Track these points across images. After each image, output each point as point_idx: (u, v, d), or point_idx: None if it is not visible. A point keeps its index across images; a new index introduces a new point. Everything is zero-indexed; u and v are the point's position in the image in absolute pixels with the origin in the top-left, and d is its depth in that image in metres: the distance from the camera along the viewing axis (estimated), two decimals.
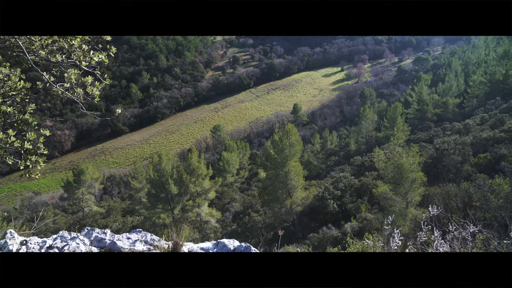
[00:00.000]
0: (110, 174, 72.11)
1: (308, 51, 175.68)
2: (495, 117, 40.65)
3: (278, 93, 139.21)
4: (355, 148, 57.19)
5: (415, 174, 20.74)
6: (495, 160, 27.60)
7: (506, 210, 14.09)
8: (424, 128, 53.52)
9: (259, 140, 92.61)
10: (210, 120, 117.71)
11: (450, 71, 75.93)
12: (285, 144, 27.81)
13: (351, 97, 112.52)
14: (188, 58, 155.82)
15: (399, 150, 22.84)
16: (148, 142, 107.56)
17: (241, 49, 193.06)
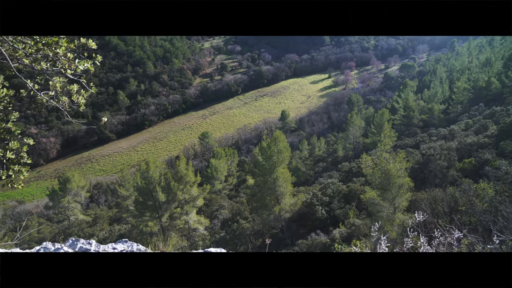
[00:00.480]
0: (97, 182, 71.14)
1: (295, 58, 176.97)
2: (479, 123, 41.34)
3: (266, 100, 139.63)
4: (343, 154, 57.49)
5: (402, 180, 20.92)
6: (480, 165, 28.02)
7: (490, 214, 14.26)
8: (411, 134, 54.12)
9: (247, 147, 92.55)
10: (198, 127, 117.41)
11: (435, 78, 77.08)
12: (273, 151, 27.82)
13: (338, 103, 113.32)
14: (176, 65, 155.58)
15: (386, 156, 23.06)
16: (136, 149, 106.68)
17: (229, 56, 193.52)
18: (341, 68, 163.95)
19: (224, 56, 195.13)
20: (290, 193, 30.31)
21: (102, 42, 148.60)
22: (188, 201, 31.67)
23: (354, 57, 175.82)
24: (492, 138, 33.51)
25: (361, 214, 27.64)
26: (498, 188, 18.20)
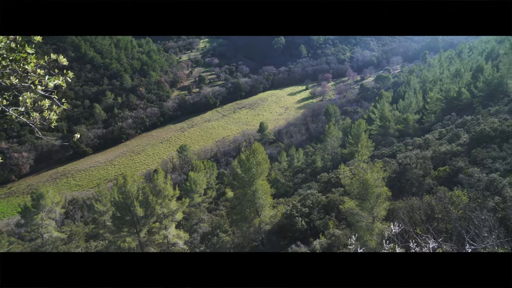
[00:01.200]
0: (73, 198, 69.37)
1: (273, 70, 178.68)
2: (451, 132, 42.42)
3: (244, 112, 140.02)
4: (322, 165, 57.90)
5: (380, 189, 21.15)
6: (454, 172, 28.68)
7: (465, 221, 14.57)
8: (387, 143, 54.97)
9: (226, 159, 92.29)
10: (177, 140, 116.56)
11: (409, 89, 79.01)
12: (252, 163, 27.77)
13: (316, 114, 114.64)
14: (154, 77, 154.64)
15: (363, 166, 23.35)
16: (113, 163, 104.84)
17: (206, 69, 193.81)
18: (318, 79, 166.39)
19: (202, 68, 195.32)
20: (269, 205, 30.24)
21: (78, 55, 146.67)
22: (167, 215, 31.21)
23: (331, 69, 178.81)
24: (465, 146, 34.43)
25: (341, 225, 27.78)
26: (472, 195, 18.66)
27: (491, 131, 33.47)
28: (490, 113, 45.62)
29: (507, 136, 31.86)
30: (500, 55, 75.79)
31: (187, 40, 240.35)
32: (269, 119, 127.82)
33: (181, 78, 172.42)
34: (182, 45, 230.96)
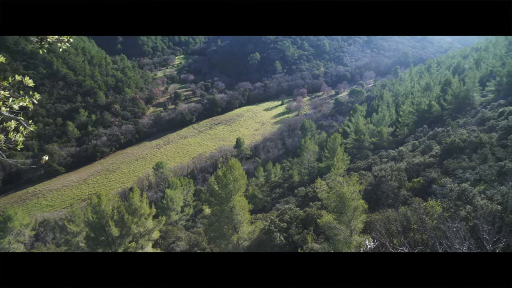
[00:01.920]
0: (44, 219, 67.07)
1: (249, 86, 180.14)
2: (424, 144, 43.46)
3: (220, 128, 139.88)
4: (299, 179, 58.14)
5: (356, 202, 21.36)
6: (427, 183, 29.28)
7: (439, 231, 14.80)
8: (363, 156, 55.76)
9: (203, 175, 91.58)
10: (152, 157, 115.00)
11: (383, 102, 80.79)
12: (229, 179, 27.65)
13: (292, 129, 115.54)
14: (128, 94, 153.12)
15: (340, 180, 23.54)
16: (87, 182, 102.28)
17: (182, 85, 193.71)
18: (294, 94, 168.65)
19: (177, 85, 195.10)
20: (247, 221, 30.08)
21: (50, 72, 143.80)
22: (143, 234, 30.54)
23: (306, 84, 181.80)
24: (437, 157, 35.30)
25: (319, 238, 27.82)
26: (445, 205, 19.05)
27: (461, 142, 34.49)
28: (459, 124, 47.08)
29: (476, 146, 32.86)
30: (465, 70, 78.72)
31: (162, 56, 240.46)
32: (245, 134, 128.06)
33: (156, 95, 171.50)
34: (157, 62, 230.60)
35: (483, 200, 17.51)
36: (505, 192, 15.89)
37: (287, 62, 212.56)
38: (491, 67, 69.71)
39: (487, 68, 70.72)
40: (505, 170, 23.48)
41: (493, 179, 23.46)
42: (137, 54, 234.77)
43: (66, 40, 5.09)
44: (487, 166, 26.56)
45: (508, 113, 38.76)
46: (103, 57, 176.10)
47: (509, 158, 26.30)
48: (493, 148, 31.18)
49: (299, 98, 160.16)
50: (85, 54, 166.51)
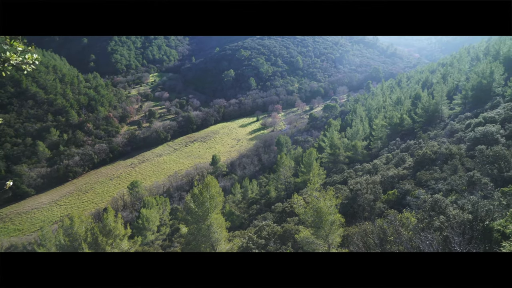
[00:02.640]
0: (11, 244, 64.34)
1: (223, 103, 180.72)
2: (397, 156, 44.38)
3: (196, 145, 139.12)
4: (276, 195, 58.16)
5: (333, 216, 21.49)
6: (402, 195, 29.82)
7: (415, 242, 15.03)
8: (338, 170, 56.37)
9: (179, 194, 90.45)
10: (127, 176, 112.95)
11: (356, 117, 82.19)
12: (205, 197, 27.38)
13: (268, 145, 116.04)
14: (102, 113, 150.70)
15: (316, 194, 23.65)
16: (58, 203, 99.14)
17: (157, 103, 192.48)
18: (268, 111, 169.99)
19: (152, 103, 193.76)
20: (225, 238, 29.73)
21: (19, 90, 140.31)
22: None
23: (280, 100, 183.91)
24: (410, 169, 36.10)
25: None
26: (419, 216, 19.43)
27: (432, 154, 35.43)
28: (430, 137, 48.37)
29: (446, 158, 33.82)
30: (433, 84, 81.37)
31: (136, 74, 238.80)
32: (221, 151, 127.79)
33: (130, 113, 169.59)
34: (131, 80, 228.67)
35: (455, 210, 17.96)
36: (475, 201, 16.35)
37: (262, 79, 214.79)
38: (456, 81, 72.42)
39: (453, 83, 73.37)
40: (474, 180, 24.20)
41: (463, 189, 24.14)
42: (110, 72, 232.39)
43: (31, 63, 5.03)
44: (457, 176, 27.34)
45: (474, 125, 40.17)
46: (75, 75, 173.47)
47: (477, 168, 27.15)
48: (462, 159, 32.18)
49: (274, 114, 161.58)
50: (56, 72, 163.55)
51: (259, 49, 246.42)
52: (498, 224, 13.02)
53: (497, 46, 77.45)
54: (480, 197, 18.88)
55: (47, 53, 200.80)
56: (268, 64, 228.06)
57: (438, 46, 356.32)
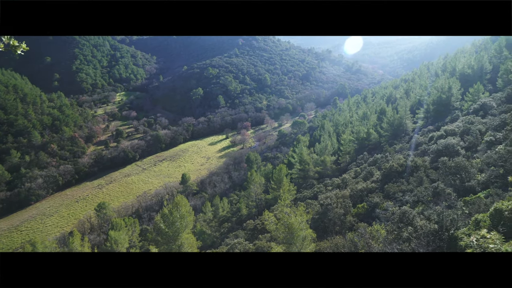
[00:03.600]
0: None
1: (192, 121, 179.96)
2: (365, 170, 45.30)
3: (165, 165, 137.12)
4: (247, 212, 57.87)
5: (304, 232, 21.58)
6: (371, 208, 30.36)
7: None
8: (308, 185, 56.80)
9: (149, 214, 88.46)
10: (94, 198, 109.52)
11: (324, 132, 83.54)
12: (175, 217, 27.00)
13: (238, 162, 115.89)
14: (67, 133, 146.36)
15: (287, 211, 23.70)
16: (19, 229, 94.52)
17: (124, 122, 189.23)
18: (238, 128, 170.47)
19: (119, 122, 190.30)
20: None
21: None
22: None
23: (249, 117, 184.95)
24: (378, 182, 36.90)
25: None
26: (388, 228, 19.77)
27: (399, 166, 36.39)
28: (396, 150, 49.76)
29: (412, 170, 34.81)
30: (397, 99, 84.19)
31: (102, 93, 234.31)
32: (191, 170, 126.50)
33: (97, 133, 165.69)
34: (97, 99, 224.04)
35: (422, 220, 18.41)
36: (440, 212, 16.82)
37: (230, 97, 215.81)
38: (419, 96, 75.22)
39: (415, 97, 76.17)
40: (438, 191, 24.97)
41: (429, 200, 24.83)
42: (76, 91, 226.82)
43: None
44: (423, 188, 28.13)
45: (436, 138, 41.67)
46: (37, 95, 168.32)
47: (441, 179, 28.07)
48: (427, 170, 33.20)
49: (243, 131, 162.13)
50: (17, 91, 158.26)
51: (227, 67, 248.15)
52: (462, 232, 13.47)
53: (453, 63, 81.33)
54: (444, 207, 19.46)
55: (6, 72, 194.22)
56: (237, 82, 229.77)
57: (400, 62, 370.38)
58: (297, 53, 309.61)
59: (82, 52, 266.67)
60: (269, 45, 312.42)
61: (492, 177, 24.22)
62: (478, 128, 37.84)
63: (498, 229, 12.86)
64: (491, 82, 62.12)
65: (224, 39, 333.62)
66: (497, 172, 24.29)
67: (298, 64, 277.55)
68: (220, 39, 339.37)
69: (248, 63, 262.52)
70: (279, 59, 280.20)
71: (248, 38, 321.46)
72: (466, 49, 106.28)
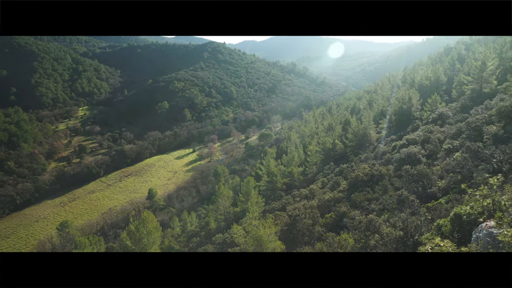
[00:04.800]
0: None
1: (158, 135, 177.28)
2: (332, 180, 45.93)
3: (131, 180, 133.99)
4: (215, 226, 57.29)
5: (273, 244, 21.56)
6: (339, 217, 30.71)
7: None
8: (276, 197, 56.91)
9: (115, 231, 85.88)
10: (56, 217, 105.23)
11: (291, 144, 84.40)
12: (142, 233, 26.36)
13: (205, 176, 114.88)
14: (25, 149, 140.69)
15: (255, 223, 23.61)
16: None
17: (87, 137, 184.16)
18: (205, 141, 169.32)
19: (82, 137, 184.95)
20: None
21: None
22: None
23: (216, 130, 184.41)
24: (345, 192, 37.46)
25: None
26: (356, 236, 20.05)
27: (364, 176, 37.13)
28: (361, 160, 50.80)
29: (377, 179, 35.62)
30: (361, 110, 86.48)
31: (64, 108, 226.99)
32: (158, 184, 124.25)
33: (58, 149, 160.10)
34: (58, 114, 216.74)
35: (388, 228, 18.79)
36: (405, 218, 17.27)
37: (196, 110, 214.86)
38: (381, 107, 77.57)
39: (378, 108, 78.49)
40: (402, 198, 25.66)
41: (394, 207, 25.45)
42: (35, 105, 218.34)
43: None
44: (388, 196, 28.81)
45: (399, 147, 42.91)
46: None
47: (404, 187, 28.88)
48: (391, 179, 34.07)
49: (210, 144, 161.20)
50: None
51: (193, 81, 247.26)
52: (425, 238, 13.88)
53: (412, 75, 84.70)
54: (408, 214, 19.99)
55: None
56: (203, 95, 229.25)
57: (362, 74, 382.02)
58: (263, 66, 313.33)
59: (41, 65, 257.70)
60: (235, 58, 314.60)
61: (451, 183, 25.16)
62: (437, 137, 39.31)
63: (453, 235, 13.35)
64: (447, 93, 64.89)
65: (190, 52, 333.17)
66: (455, 178, 25.26)
67: (264, 76, 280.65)
68: (186, 53, 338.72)
69: (214, 76, 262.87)
70: (245, 72, 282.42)
71: (213, 51, 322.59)
72: (424, 62, 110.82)
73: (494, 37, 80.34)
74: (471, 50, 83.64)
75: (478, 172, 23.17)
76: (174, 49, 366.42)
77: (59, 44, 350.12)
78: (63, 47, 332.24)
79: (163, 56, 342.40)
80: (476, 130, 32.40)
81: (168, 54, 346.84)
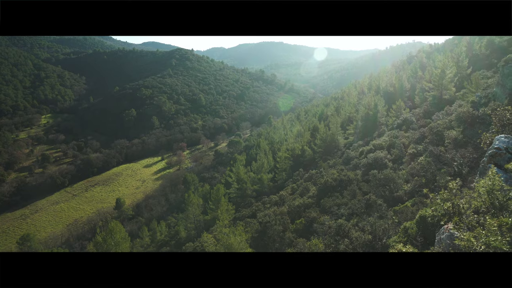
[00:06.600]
0: None
1: (126, 143, 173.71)
2: (302, 186, 46.39)
3: (98, 190, 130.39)
4: (186, 235, 56.50)
5: (244, 251, 21.48)
6: (309, 223, 31.03)
7: None
8: (247, 204, 56.82)
9: (81, 243, 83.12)
10: (16, 230, 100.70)
11: (260, 151, 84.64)
12: (110, 244, 25.67)
13: (174, 184, 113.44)
14: None
15: (226, 231, 23.50)
16: None
17: (51, 146, 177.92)
18: (173, 149, 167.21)
19: (45, 146, 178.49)
20: None
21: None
22: None
23: (185, 138, 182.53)
24: (314, 197, 37.91)
25: None
26: (326, 241, 20.32)
27: (333, 181, 37.74)
28: (330, 165, 51.62)
29: (345, 184, 36.29)
30: (329, 116, 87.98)
31: (25, 116, 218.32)
32: (126, 194, 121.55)
33: (19, 159, 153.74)
34: (19, 122, 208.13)
35: (357, 232, 19.16)
36: (373, 222, 17.66)
37: (165, 117, 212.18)
38: (348, 113, 79.26)
39: (345, 114, 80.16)
40: (370, 203, 26.25)
41: (362, 212, 25.97)
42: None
43: None
44: (356, 200, 29.39)
45: (366, 152, 43.94)
46: None
47: (372, 191, 29.56)
48: (359, 183, 34.80)
49: (179, 152, 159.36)
50: None
51: (161, 88, 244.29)
52: (393, 240, 14.25)
53: (377, 82, 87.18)
54: (377, 218, 20.46)
55: None
56: (171, 103, 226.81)
57: (330, 81, 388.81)
58: (231, 73, 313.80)
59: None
60: (203, 65, 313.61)
61: (416, 187, 25.98)
62: (402, 142, 40.53)
63: (417, 239, 13.77)
64: (410, 99, 67.16)
65: (158, 59, 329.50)
66: (420, 182, 26.10)
67: (232, 84, 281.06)
68: (153, 59, 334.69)
69: (182, 83, 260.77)
70: (214, 79, 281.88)
71: (181, 58, 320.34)
72: (388, 69, 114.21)
73: (451, 46, 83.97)
74: (431, 58, 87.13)
75: (441, 175, 24.03)
76: (141, 55, 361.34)
77: (18, 49, 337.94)
78: (24, 52, 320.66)
79: (130, 63, 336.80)
80: (438, 135, 33.64)
81: (135, 60, 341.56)
